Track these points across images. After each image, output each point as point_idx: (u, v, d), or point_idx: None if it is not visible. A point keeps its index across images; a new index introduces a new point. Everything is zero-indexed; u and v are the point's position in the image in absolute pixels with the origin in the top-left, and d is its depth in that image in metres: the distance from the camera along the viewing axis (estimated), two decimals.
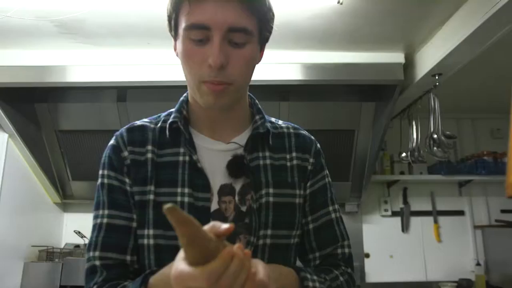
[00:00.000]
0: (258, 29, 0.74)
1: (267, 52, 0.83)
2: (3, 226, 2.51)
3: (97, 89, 2.55)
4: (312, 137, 0.92)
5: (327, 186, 0.88)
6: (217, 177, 0.78)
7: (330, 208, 0.87)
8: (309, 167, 0.86)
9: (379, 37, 2.22)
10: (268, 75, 2.30)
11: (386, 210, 3.26)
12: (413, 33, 2.18)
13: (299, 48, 2.34)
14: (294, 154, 0.86)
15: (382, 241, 3.21)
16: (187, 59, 0.73)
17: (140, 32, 2.16)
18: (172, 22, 0.76)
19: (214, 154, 0.80)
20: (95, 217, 0.79)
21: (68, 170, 2.93)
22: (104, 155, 0.83)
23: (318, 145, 0.91)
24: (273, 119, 0.91)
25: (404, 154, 2.83)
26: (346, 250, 0.87)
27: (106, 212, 0.78)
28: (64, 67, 2.38)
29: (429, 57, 2.24)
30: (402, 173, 3.17)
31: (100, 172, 0.81)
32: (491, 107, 3.07)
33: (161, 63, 2.38)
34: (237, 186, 0.79)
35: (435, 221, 3.26)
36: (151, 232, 0.76)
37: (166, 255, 0.74)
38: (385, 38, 2.23)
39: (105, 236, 0.77)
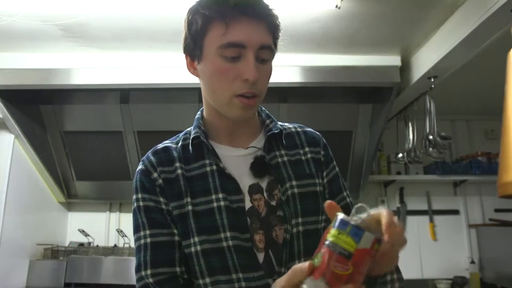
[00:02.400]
0: (274, 45, 0.82)
1: None
2: (9, 225, 2.54)
3: (100, 91, 2.58)
4: (318, 132, 0.99)
5: (338, 174, 0.95)
6: (244, 179, 0.85)
7: (345, 193, 0.94)
8: (322, 159, 0.93)
9: (376, 41, 2.26)
10: None
11: None
12: (409, 37, 2.22)
13: (298, 51, 2.37)
14: (307, 149, 0.93)
15: None
16: (220, 75, 0.78)
17: (142, 36, 2.20)
18: (197, 43, 0.80)
19: (236, 160, 0.87)
20: (137, 239, 0.83)
21: (73, 170, 2.96)
22: (134, 180, 0.87)
23: (324, 139, 0.99)
24: (280, 122, 0.98)
25: (400, 155, 2.88)
26: None
27: (148, 232, 0.82)
28: (68, 69, 2.42)
29: (425, 60, 2.27)
30: (398, 173, 3.19)
31: (134, 196, 0.85)
32: (485, 108, 3.10)
33: (162, 65, 2.41)
34: (263, 184, 0.86)
35: (431, 220, 3.29)
36: (196, 239, 0.80)
37: (214, 258, 0.80)
38: (382, 41, 2.27)
39: (153, 254, 0.81)
